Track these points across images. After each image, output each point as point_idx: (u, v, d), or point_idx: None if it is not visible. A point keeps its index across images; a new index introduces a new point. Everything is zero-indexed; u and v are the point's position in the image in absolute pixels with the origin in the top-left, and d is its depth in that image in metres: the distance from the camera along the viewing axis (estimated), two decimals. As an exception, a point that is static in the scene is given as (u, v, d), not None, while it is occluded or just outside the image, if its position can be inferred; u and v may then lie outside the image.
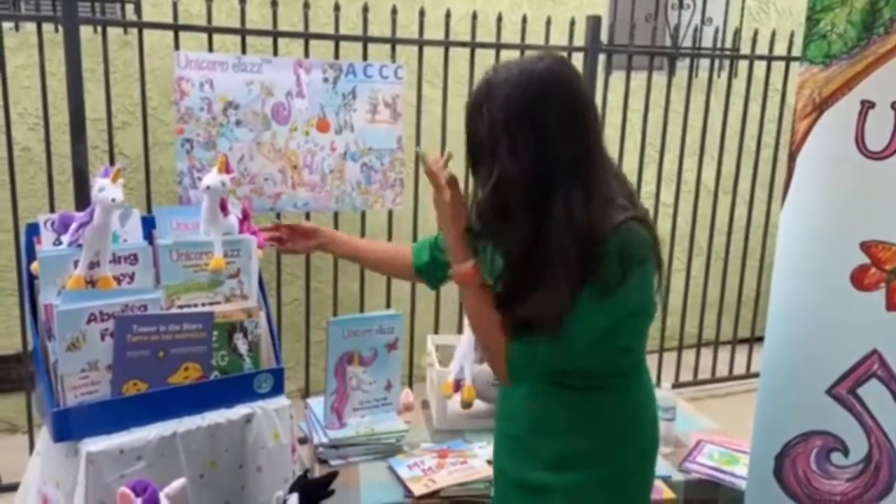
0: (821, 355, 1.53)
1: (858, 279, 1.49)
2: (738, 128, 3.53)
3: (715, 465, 1.93)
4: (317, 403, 2.03)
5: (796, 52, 2.11)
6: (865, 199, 1.47)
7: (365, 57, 2.75)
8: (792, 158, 1.53)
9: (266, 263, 2.98)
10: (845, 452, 1.55)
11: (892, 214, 1.46)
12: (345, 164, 2.68)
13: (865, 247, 1.48)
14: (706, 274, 3.67)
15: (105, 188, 1.63)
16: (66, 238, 1.70)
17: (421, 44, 2.82)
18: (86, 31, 2.51)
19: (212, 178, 1.79)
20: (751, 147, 3.61)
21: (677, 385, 3.46)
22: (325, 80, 2.59)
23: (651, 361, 1.56)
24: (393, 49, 2.78)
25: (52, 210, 2.53)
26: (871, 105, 1.44)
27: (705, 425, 2.19)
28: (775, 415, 1.59)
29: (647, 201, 3.53)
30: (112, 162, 2.57)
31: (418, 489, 1.76)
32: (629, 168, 3.39)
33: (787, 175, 1.55)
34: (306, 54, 2.70)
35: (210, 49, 2.62)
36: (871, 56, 1.44)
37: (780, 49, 3.51)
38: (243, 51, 2.65)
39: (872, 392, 1.51)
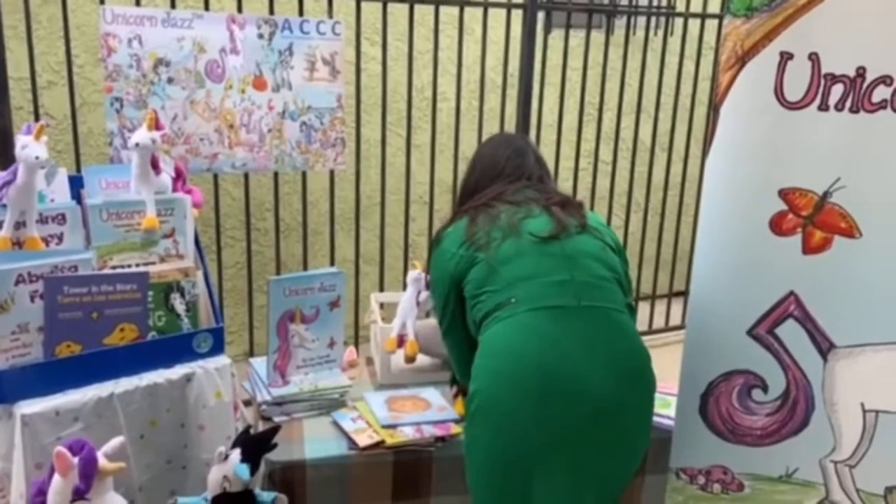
0: (742, 298, 1.61)
1: (777, 224, 1.56)
2: (673, 85, 3.60)
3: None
4: (259, 363, 2.04)
5: (727, 8, 2.18)
6: (784, 147, 1.53)
7: (301, 13, 2.69)
8: (716, 110, 1.58)
9: (205, 227, 2.94)
10: (765, 389, 1.64)
11: (808, 162, 1.53)
12: (283, 123, 2.63)
13: (783, 194, 1.55)
14: (643, 230, 3.77)
15: (28, 145, 1.58)
16: (-12, 198, 1.65)
17: (358, -1, 2.77)
18: (4, -15, 2.39)
19: (141, 135, 1.75)
20: (686, 105, 3.69)
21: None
22: (260, 36, 2.53)
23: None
24: (330, 5, 2.73)
25: (-25, 173, 2.43)
26: (790, 56, 1.50)
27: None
28: (700, 356, 1.67)
29: (586, 159, 3.61)
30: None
31: (362, 440, 1.79)
32: (569, 126, 3.44)
33: (711, 126, 1.60)
34: (239, 9, 2.63)
35: (137, 3, 2.52)
36: (791, 8, 1.49)
37: (713, 7, 3.58)
38: (172, 5, 2.56)
39: (789, 331, 1.60)
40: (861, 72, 1.46)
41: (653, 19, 3.73)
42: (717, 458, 1.69)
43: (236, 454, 1.58)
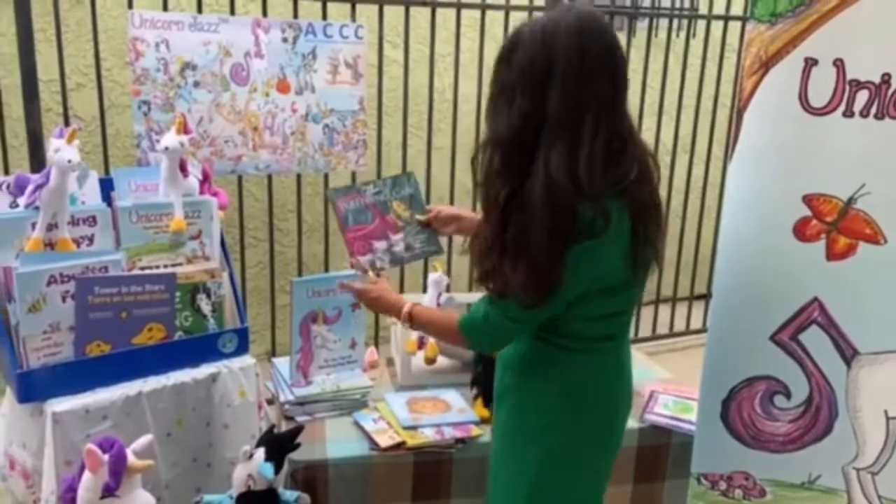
0: (765, 304, 1.60)
1: (801, 231, 1.55)
2: (695, 88, 3.59)
3: (672, 415, 2.01)
4: (282, 362, 2.06)
5: (750, 11, 2.17)
6: (808, 153, 1.52)
7: (324, 16, 2.72)
8: (739, 115, 1.58)
9: (228, 227, 2.98)
10: (788, 395, 1.63)
11: (832, 168, 1.52)
12: (306, 126, 2.67)
13: (808, 200, 1.54)
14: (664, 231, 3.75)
15: (61, 149, 1.62)
16: (22, 200, 1.69)
17: (381, 3, 2.79)
18: (35, -10, 2.44)
19: (170, 138, 1.79)
20: (708, 107, 3.67)
21: (637, 340, 3.57)
22: (284, 40, 2.57)
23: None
24: (353, 9, 2.76)
25: (6, 174, 2.48)
26: (815, 62, 1.49)
27: (660, 375, 2.28)
28: (722, 361, 1.67)
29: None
30: (67, 124, 2.52)
31: (384, 441, 1.81)
32: (590, 128, 3.43)
33: (734, 131, 1.60)
34: (264, 13, 2.66)
35: (165, 8, 2.56)
36: (815, 14, 1.48)
37: (736, 9, 3.56)
38: (199, 10, 2.60)
39: (813, 338, 1.59)
40: (886, 78, 1.45)
41: (675, 21, 3.71)
42: (738, 463, 1.69)
43: (260, 453, 1.60)
